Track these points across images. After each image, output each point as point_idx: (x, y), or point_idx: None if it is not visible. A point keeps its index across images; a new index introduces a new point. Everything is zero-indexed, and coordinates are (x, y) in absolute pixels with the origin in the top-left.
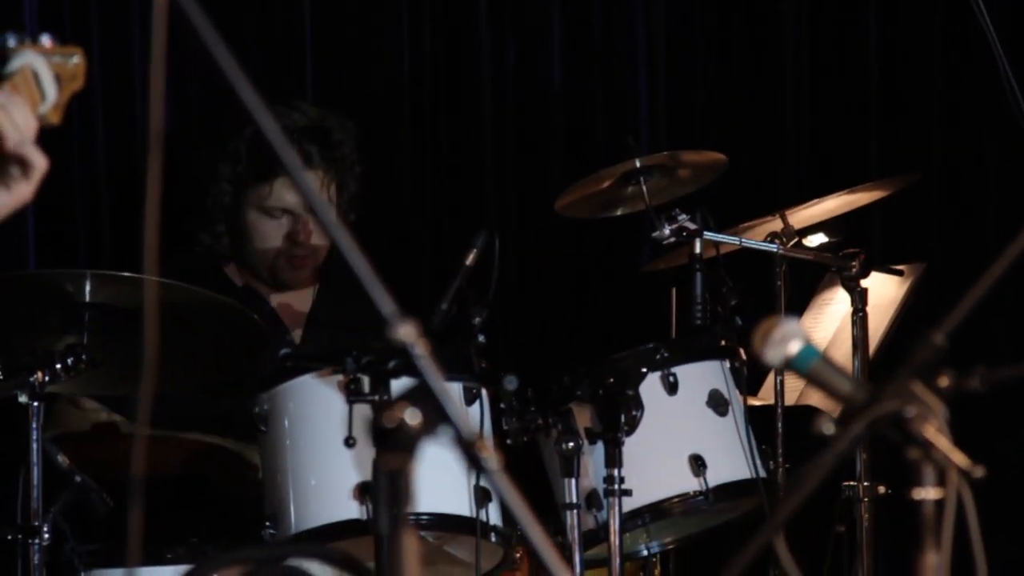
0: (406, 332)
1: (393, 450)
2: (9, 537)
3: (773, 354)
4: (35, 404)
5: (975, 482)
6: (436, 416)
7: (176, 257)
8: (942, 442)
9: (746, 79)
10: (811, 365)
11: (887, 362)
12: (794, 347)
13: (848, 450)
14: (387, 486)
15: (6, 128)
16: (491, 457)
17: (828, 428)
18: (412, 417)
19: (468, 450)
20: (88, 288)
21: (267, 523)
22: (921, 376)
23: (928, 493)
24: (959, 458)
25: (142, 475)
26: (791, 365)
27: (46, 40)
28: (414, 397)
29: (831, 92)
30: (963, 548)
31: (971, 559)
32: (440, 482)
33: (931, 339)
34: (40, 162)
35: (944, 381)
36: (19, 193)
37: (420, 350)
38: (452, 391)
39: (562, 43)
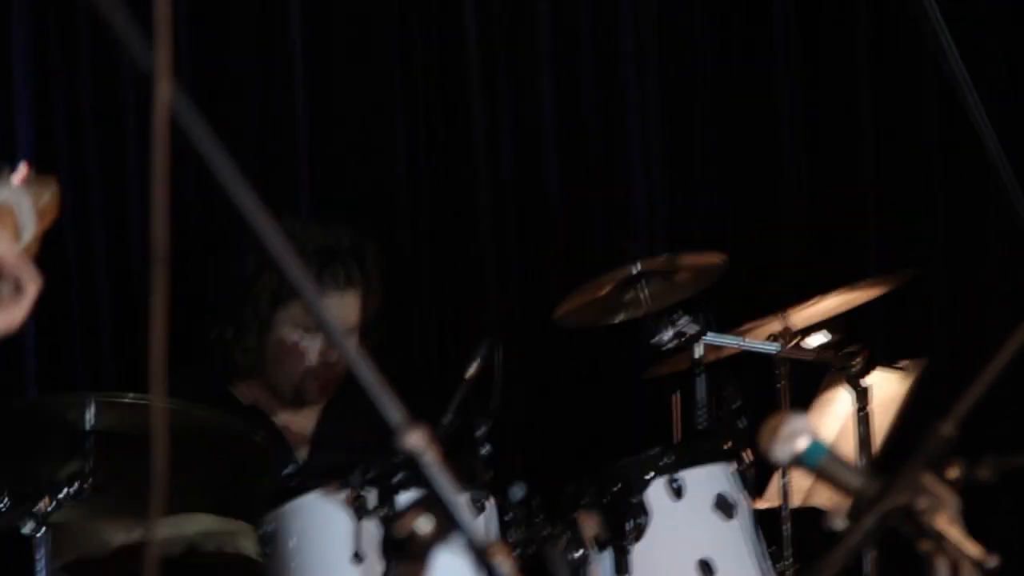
0: (415, 440)
1: (405, 559)
2: None
3: (781, 451)
4: (39, 534)
5: (989, 572)
6: (448, 523)
7: (182, 372)
8: (954, 533)
9: (743, 180)
10: (820, 461)
11: (892, 459)
12: (802, 443)
13: (860, 545)
14: None
15: None
16: (505, 563)
17: (839, 523)
18: (424, 525)
19: (482, 557)
20: (90, 415)
21: None
22: (931, 467)
23: None
24: (972, 549)
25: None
26: (800, 461)
27: (22, 169)
28: (425, 505)
29: (829, 191)
30: None
31: None
32: None
33: (940, 430)
34: (32, 285)
35: (954, 472)
36: (10, 314)
37: (430, 458)
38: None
39: (557, 151)
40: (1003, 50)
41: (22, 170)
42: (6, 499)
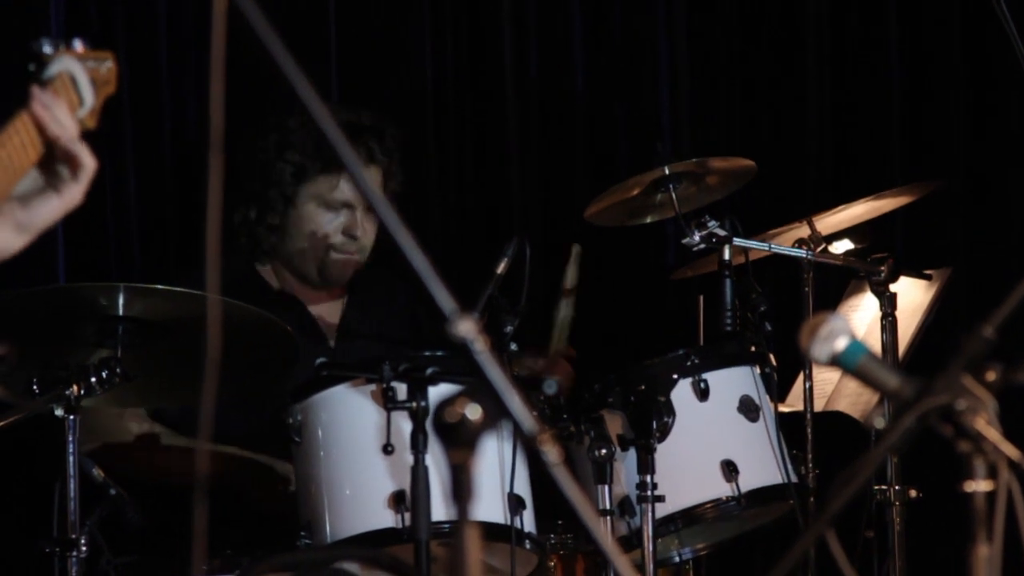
0: (467, 327)
1: (455, 446)
2: (47, 550)
3: (820, 350)
4: (70, 417)
5: None
6: (497, 410)
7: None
8: (992, 435)
9: (769, 86)
10: (859, 360)
11: (915, 366)
12: (841, 343)
13: (898, 445)
14: (452, 481)
15: (53, 128)
16: (552, 451)
17: (879, 423)
18: (473, 412)
19: (530, 444)
20: (121, 301)
21: (302, 532)
22: (970, 369)
23: (979, 486)
24: (1010, 450)
25: (204, 483)
26: (839, 361)
27: (78, 45)
28: (474, 392)
29: (855, 98)
30: (1012, 541)
31: (1021, 552)
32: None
33: (980, 332)
34: (89, 161)
35: (992, 375)
36: (70, 195)
37: (481, 345)
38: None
39: (584, 51)
40: None
41: (78, 44)
42: (36, 384)
